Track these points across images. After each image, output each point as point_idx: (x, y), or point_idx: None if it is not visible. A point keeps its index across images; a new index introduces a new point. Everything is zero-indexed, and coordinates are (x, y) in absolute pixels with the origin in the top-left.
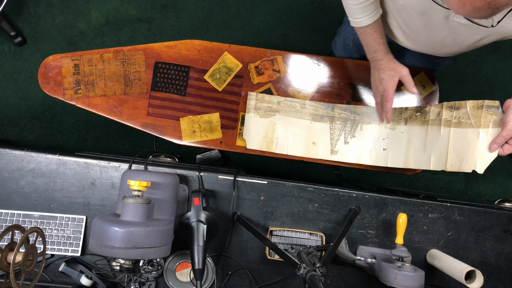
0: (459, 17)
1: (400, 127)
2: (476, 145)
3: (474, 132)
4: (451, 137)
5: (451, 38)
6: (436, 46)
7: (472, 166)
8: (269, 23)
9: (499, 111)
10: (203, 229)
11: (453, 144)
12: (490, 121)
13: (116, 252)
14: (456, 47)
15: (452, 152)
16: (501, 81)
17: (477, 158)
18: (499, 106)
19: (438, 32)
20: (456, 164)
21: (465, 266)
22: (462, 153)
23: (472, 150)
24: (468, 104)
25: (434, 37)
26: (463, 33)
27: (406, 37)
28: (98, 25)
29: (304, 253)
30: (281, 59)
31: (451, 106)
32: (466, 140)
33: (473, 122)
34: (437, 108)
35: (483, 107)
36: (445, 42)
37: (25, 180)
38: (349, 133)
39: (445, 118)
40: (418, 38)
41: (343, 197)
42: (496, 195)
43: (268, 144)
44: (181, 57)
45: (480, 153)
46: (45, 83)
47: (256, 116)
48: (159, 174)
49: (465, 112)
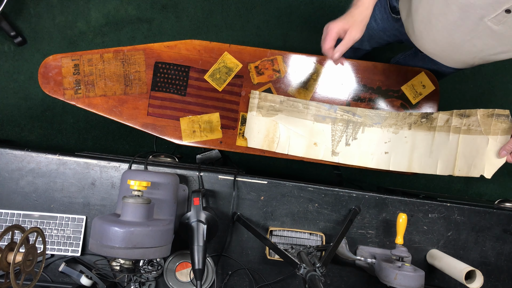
0: (494, 21)
1: (404, 131)
2: (485, 151)
3: (484, 139)
4: (460, 143)
5: (472, 43)
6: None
7: (481, 171)
8: (269, 23)
9: (509, 120)
10: (203, 229)
11: (462, 150)
12: (499, 129)
13: (116, 252)
14: (470, 55)
15: (460, 158)
16: (501, 81)
17: (485, 164)
18: (509, 115)
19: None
20: (464, 169)
21: (465, 266)
22: (470, 159)
23: (481, 156)
24: (478, 113)
25: (455, 39)
26: (486, 41)
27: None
28: (98, 25)
29: (304, 253)
30: (281, 59)
31: (461, 114)
32: (475, 146)
33: (483, 129)
34: (445, 115)
35: (493, 116)
36: (464, 46)
37: (25, 180)
38: (350, 135)
39: (455, 125)
40: (437, 38)
41: (343, 197)
42: (496, 195)
43: (269, 144)
44: (181, 57)
45: (489, 159)
46: (45, 83)
47: (258, 114)
48: (159, 174)
49: (475, 119)
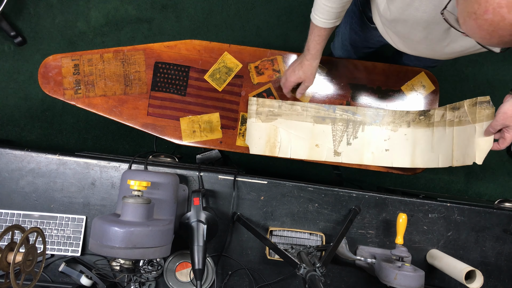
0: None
1: (403, 129)
2: (474, 139)
3: (472, 128)
4: (455, 135)
5: (451, 46)
6: (435, 53)
7: (472, 158)
8: (269, 23)
9: (490, 105)
10: (203, 229)
11: (457, 141)
12: (484, 116)
13: (116, 252)
14: (455, 54)
15: (456, 149)
16: (501, 81)
17: (475, 151)
18: (489, 100)
19: (438, 42)
20: (460, 159)
21: (465, 266)
22: (464, 148)
23: (471, 144)
24: (465, 103)
25: (435, 47)
26: (462, 43)
27: (404, 46)
28: (98, 25)
29: (304, 253)
30: (281, 59)
31: (453, 107)
32: (466, 136)
33: (470, 119)
34: (441, 111)
35: (477, 104)
36: (445, 50)
37: (25, 180)
38: (351, 134)
39: (449, 119)
40: (418, 47)
41: (343, 197)
42: (496, 195)
43: (271, 149)
44: (181, 57)
45: (478, 145)
46: (45, 83)
47: (258, 121)
48: (159, 174)
49: (464, 110)
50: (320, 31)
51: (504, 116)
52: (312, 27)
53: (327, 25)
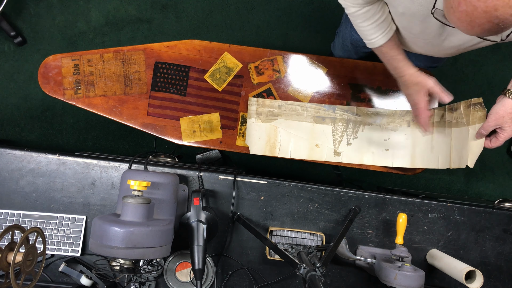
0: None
1: (403, 128)
2: (467, 142)
3: (466, 130)
4: (452, 137)
5: (449, 40)
6: (434, 48)
7: (465, 161)
8: (269, 23)
9: (482, 107)
10: (203, 229)
11: (454, 143)
12: (476, 118)
13: (116, 252)
14: (454, 50)
15: (453, 151)
16: (501, 81)
17: (468, 153)
18: (482, 102)
19: (436, 36)
20: (456, 161)
21: (465, 266)
22: (460, 151)
23: (465, 146)
24: (461, 105)
25: (433, 41)
26: (461, 38)
27: (405, 41)
28: (98, 25)
29: (304, 253)
30: (281, 59)
31: (451, 108)
32: (462, 138)
33: (465, 120)
34: (440, 111)
35: (471, 106)
36: (443, 45)
37: (25, 180)
38: (351, 134)
39: (448, 120)
40: (417, 42)
41: (343, 197)
42: (496, 195)
43: (271, 149)
44: (181, 57)
45: (470, 148)
46: (45, 83)
47: (257, 121)
48: (159, 174)
49: (460, 112)
50: (386, 48)
51: (496, 117)
52: (380, 51)
53: (386, 36)
